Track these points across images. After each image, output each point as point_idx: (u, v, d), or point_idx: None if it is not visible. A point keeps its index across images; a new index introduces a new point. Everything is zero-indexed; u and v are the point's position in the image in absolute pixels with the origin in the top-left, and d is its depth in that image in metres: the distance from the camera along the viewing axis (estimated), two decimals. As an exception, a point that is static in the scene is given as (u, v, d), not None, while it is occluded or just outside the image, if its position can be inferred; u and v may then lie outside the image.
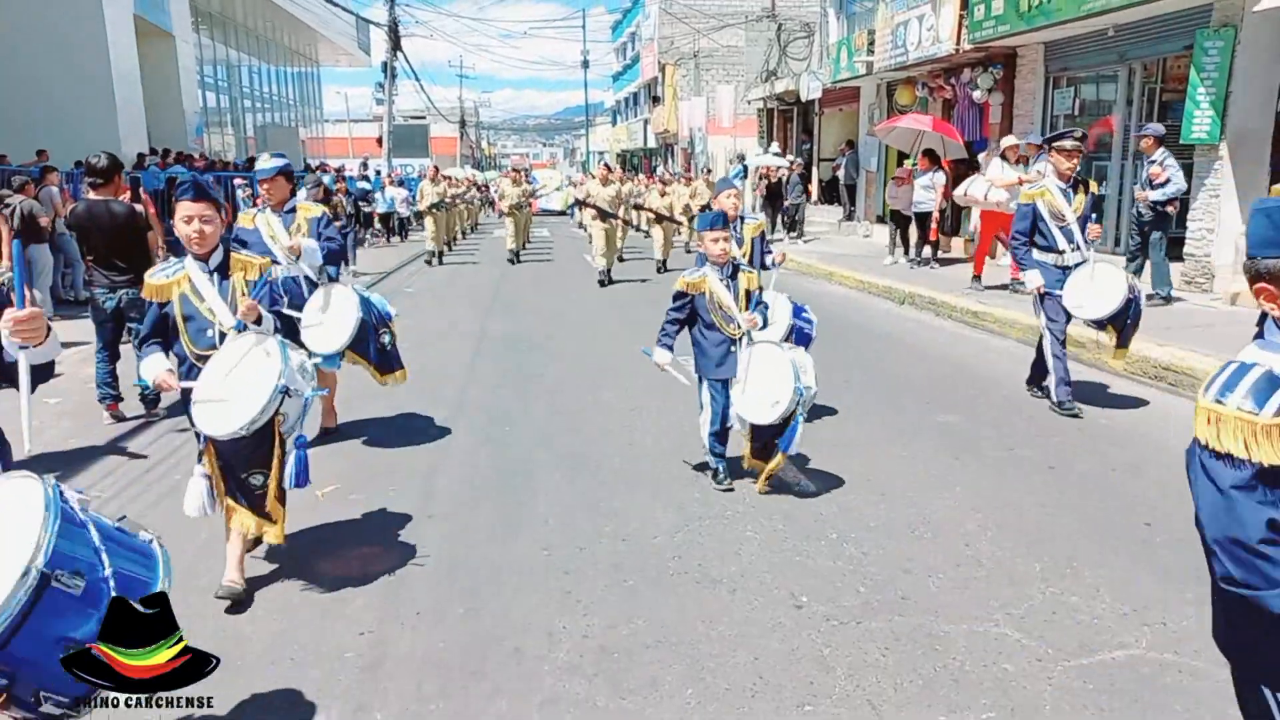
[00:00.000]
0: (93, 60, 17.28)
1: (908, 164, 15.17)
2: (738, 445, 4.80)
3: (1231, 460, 1.59)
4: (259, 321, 3.47)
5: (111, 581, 1.92)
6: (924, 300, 10.48)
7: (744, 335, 4.58)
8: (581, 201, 14.46)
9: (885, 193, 14.10)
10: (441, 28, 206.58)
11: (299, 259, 5.05)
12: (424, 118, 52.21)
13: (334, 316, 5.00)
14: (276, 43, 33.13)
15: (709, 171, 16.91)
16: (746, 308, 4.61)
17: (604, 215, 13.20)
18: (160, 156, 17.74)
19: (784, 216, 18.39)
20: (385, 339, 5.20)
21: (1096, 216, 5.91)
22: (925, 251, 13.08)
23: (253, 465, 3.44)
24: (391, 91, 28.89)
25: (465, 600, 3.53)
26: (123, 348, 6.08)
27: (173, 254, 4.38)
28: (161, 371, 3.40)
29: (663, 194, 16.82)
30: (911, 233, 13.30)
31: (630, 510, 4.42)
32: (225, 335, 3.43)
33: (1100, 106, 12.10)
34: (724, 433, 4.69)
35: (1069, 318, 5.90)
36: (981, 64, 13.70)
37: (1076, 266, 5.84)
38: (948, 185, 12.71)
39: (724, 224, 4.62)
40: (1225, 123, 9.31)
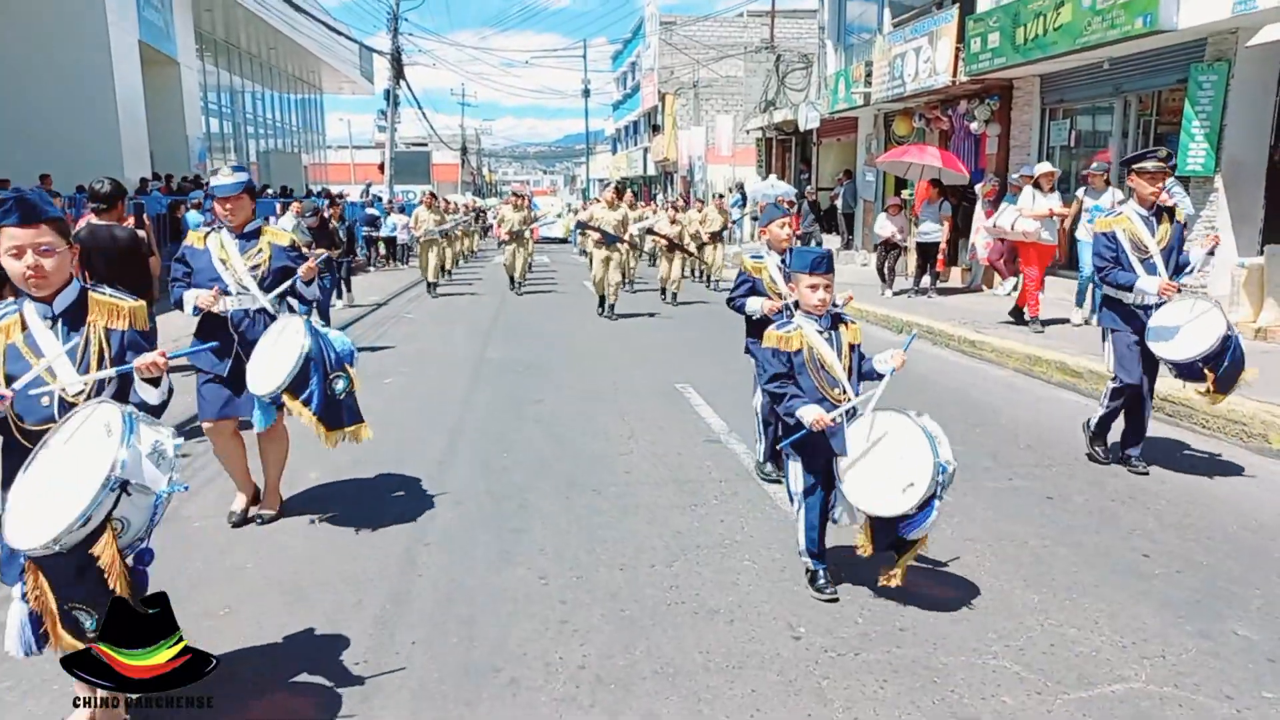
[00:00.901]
0: (97, 86, 17.43)
1: (905, 194, 15.28)
2: (737, 455, 4.77)
3: None
4: (126, 388, 2.74)
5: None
6: (921, 329, 10.52)
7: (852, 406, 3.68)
8: (585, 225, 13.52)
9: (876, 224, 13.94)
10: (444, 56, 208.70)
11: (271, 295, 4.39)
12: (426, 144, 52.63)
13: (277, 352, 4.24)
14: (280, 69, 33.46)
15: (721, 196, 16.70)
16: (851, 367, 3.75)
17: (608, 240, 12.47)
18: (163, 182, 17.84)
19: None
20: (338, 385, 4.30)
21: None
22: (924, 281, 13.12)
23: (74, 600, 2.35)
24: (394, 119, 29.12)
25: (460, 629, 3.50)
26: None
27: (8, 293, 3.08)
28: None
29: (673, 220, 15.84)
30: (907, 262, 13.35)
31: (627, 538, 4.40)
32: (69, 404, 2.62)
33: (1096, 138, 12.21)
34: (824, 526, 3.82)
35: (1147, 365, 5.25)
36: (978, 95, 13.84)
37: (1159, 306, 5.13)
38: (953, 216, 12.78)
39: (828, 266, 3.70)
40: (1220, 155, 9.39)
